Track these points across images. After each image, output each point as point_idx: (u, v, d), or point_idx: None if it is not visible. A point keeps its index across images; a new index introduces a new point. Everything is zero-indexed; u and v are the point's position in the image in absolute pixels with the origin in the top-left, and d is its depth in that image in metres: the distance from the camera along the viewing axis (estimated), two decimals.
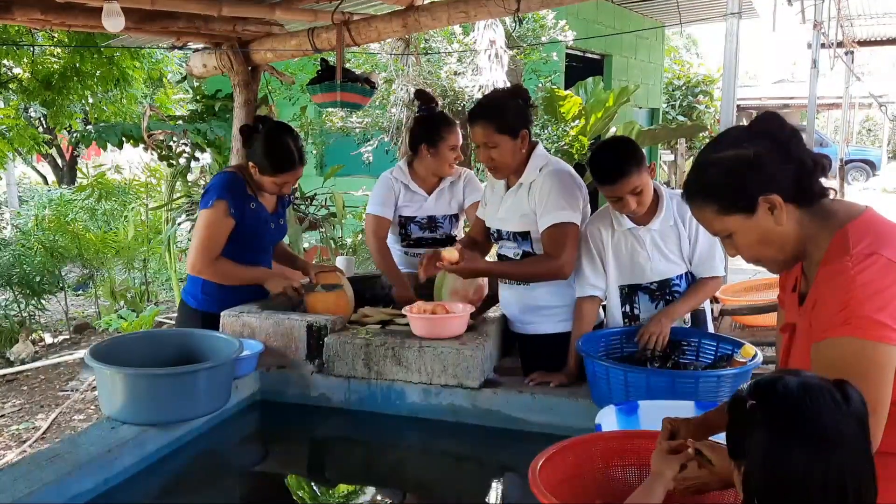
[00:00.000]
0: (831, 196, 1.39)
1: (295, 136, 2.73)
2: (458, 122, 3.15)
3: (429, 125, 3.05)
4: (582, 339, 2.27)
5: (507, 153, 2.44)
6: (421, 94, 3.21)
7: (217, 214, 2.64)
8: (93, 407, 4.60)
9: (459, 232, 3.26)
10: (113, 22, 3.03)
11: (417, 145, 3.04)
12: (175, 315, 3.79)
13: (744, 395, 1.12)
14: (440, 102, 6.90)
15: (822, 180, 1.37)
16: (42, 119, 10.51)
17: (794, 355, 1.44)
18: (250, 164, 2.70)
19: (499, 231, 2.62)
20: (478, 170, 6.46)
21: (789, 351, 1.46)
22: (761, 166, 1.34)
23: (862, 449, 1.07)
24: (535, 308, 2.56)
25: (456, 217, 3.19)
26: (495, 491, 2.09)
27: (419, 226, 3.16)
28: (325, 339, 2.42)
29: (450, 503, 2.05)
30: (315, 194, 6.45)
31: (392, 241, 3.19)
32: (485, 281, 2.83)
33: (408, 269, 3.19)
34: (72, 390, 4.92)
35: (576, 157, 7.09)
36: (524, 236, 2.52)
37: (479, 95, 6.58)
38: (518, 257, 2.55)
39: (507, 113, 2.44)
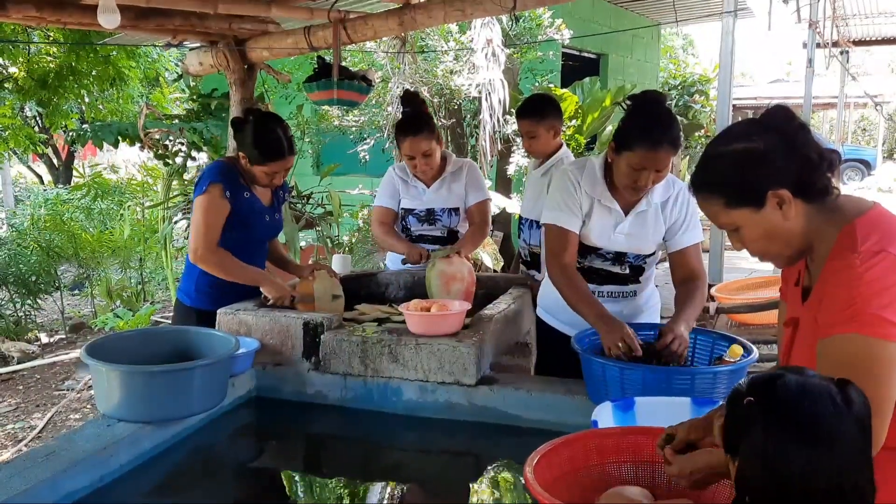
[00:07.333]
0: (837, 192, 1.38)
1: (284, 125, 2.72)
2: (425, 131, 3.04)
3: (396, 129, 3.18)
4: (577, 336, 2.27)
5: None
6: (404, 95, 3.29)
7: (213, 198, 2.62)
8: (89, 406, 4.59)
9: (461, 227, 3.24)
10: (108, 18, 3.03)
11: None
12: (171, 314, 3.79)
13: (742, 391, 1.12)
14: (436, 101, 6.92)
15: (829, 176, 1.37)
16: (38, 118, 10.50)
17: (797, 350, 1.44)
18: (240, 154, 2.69)
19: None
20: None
21: (792, 346, 1.46)
22: (770, 160, 1.33)
23: (861, 452, 1.06)
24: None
25: (456, 211, 3.19)
26: (492, 486, 2.09)
27: (417, 218, 3.19)
28: (322, 336, 2.42)
29: (446, 499, 2.05)
30: (311, 193, 6.46)
31: None
32: (468, 269, 2.80)
33: (404, 268, 3.20)
34: (68, 389, 4.92)
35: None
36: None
37: (476, 94, 6.58)
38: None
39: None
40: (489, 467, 2.14)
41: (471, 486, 2.04)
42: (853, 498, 1.05)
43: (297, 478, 2.18)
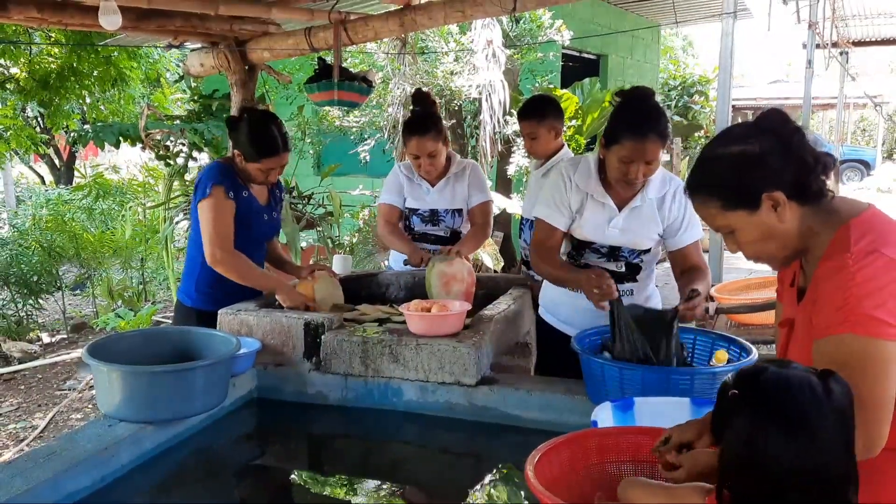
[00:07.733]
0: (831, 195, 1.39)
1: (278, 122, 2.73)
2: (432, 132, 3.04)
3: (404, 127, 3.19)
4: (577, 336, 2.27)
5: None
6: (415, 94, 3.29)
7: (218, 200, 2.63)
8: (90, 406, 4.60)
9: (464, 228, 3.26)
10: (110, 20, 3.04)
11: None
12: (172, 314, 3.79)
13: (729, 384, 1.16)
14: (437, 101, 6.94)
15: (824, 178, 1.38)
16: (39, 119, 10.52)
17: (793, 350, 1.45)
18: (235, 152, 2.70)
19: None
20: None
21: (787, 346, 1.47)
22: (766, 163, 1.34)
23: (842, 443, 1.08)
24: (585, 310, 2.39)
25: (460, 212, 3.22)
26: (492, 486, 2.10)
27: (421, 218, 3.20)
28: (323, 336, 2.43)
29: (446, 499, 2.06)
30: (312, 193, 6.47)
31: None
32: (467, 269, 2.82)
33: (405, 268, 3.20)
34: (69, 389, 4.92)
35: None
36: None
37: (476, 95, 6.59)
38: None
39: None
40: (494, 469, 2.15)
41: (469, 490, 2.04)
42: (837, 488, 1.07)
43: (298, 478, 2.19)
